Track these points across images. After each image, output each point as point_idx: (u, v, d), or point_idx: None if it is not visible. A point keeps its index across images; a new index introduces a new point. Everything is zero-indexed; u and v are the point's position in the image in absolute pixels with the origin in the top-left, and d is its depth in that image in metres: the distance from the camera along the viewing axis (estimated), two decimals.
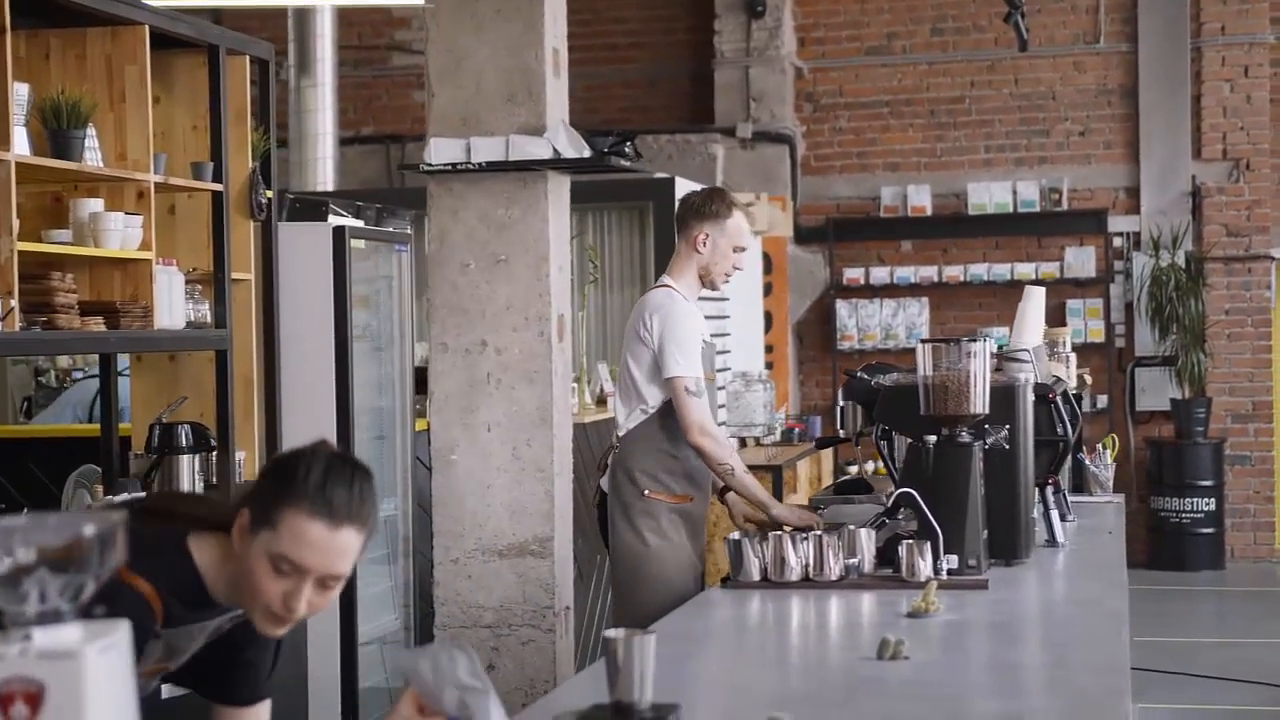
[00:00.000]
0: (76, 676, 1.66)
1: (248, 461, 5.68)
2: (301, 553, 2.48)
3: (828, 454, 10.70)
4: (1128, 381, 12.28)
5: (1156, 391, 12.14)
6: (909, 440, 4.41)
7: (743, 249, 5.13)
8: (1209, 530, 11.83)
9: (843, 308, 12.48)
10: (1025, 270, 12.13)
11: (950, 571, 4.11)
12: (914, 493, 4.17)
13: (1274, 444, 12.22)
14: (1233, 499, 12.08)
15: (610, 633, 2.65)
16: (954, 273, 12.33)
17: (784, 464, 8.90)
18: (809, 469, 9.69)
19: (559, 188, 5.53)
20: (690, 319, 5.01)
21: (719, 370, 9.57)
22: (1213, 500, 11.82)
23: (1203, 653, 9.17)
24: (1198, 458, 11.83)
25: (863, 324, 12.48)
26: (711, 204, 5.12)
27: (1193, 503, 11.79)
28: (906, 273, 12.41)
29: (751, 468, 8.67)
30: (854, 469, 10.46)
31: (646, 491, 5.00)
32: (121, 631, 1.73)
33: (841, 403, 4.96)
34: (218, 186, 5.40)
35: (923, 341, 4.32)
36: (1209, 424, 11.93)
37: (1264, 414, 12.17)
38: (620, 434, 5.13)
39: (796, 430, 10.33)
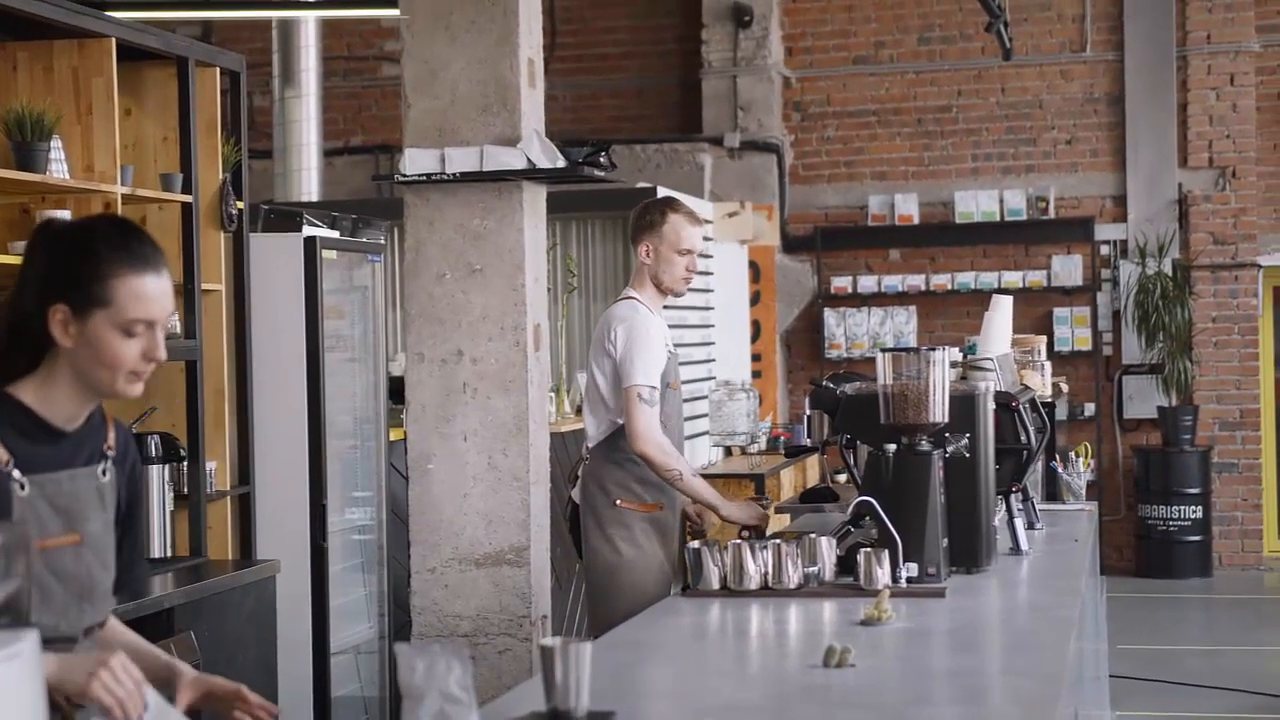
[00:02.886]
0: None
1: (219, 472, 5.69)
2: (147, 309, 2.62)
3: (813, 462, 10.71)
4: (1115, 389, 12.29)
5: (1144, 399, 12.15)
6: (870, 449, 4.42)
7: (688, 251, 5.17)
8: (1196, 538, 11.83)
9: (831, 316, 12.49)
10: (1012, 278, 12.14)
11: (910, 580, 4.12)
12: (873, 501, 4.18)
13: (1261, 451, 12.23)
14: (1220, 507, 12.08)
15: (545, 641, 2.68)
16: (941, 281, 12.35)
17: (766, 472, 8.92)
18: (793, 477, 9.70)
19: (534, 198, 5.54)
20: (654, 330, 5.08)
21: (701, 379, 9.63)
22: (1200, 508, 11.82)
23: (1188, 660, 9.18)
24: (1185, 465, 11.84)
25: (851, 333, 12.49)
26: (646, 215, 5.21)
27: (1180, 510, 11.80)
28: (894, 281, 12.43)
29: (734, 476, 8.79)
30: (843, 478, 10.47)
31: (618, 501, 5.08)
32: (29, 641, 1.75)
33: (808, 411, 4.98)
34: (187, 198, 5.42)
35: (883, 350, 4.34)
36: (1196, 432, 11.94)
37: (1251, 421, 12.18)
38: (590, 445, 5.19)
39: (783, 439, 10.35)
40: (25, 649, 1.74)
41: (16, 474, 2.59)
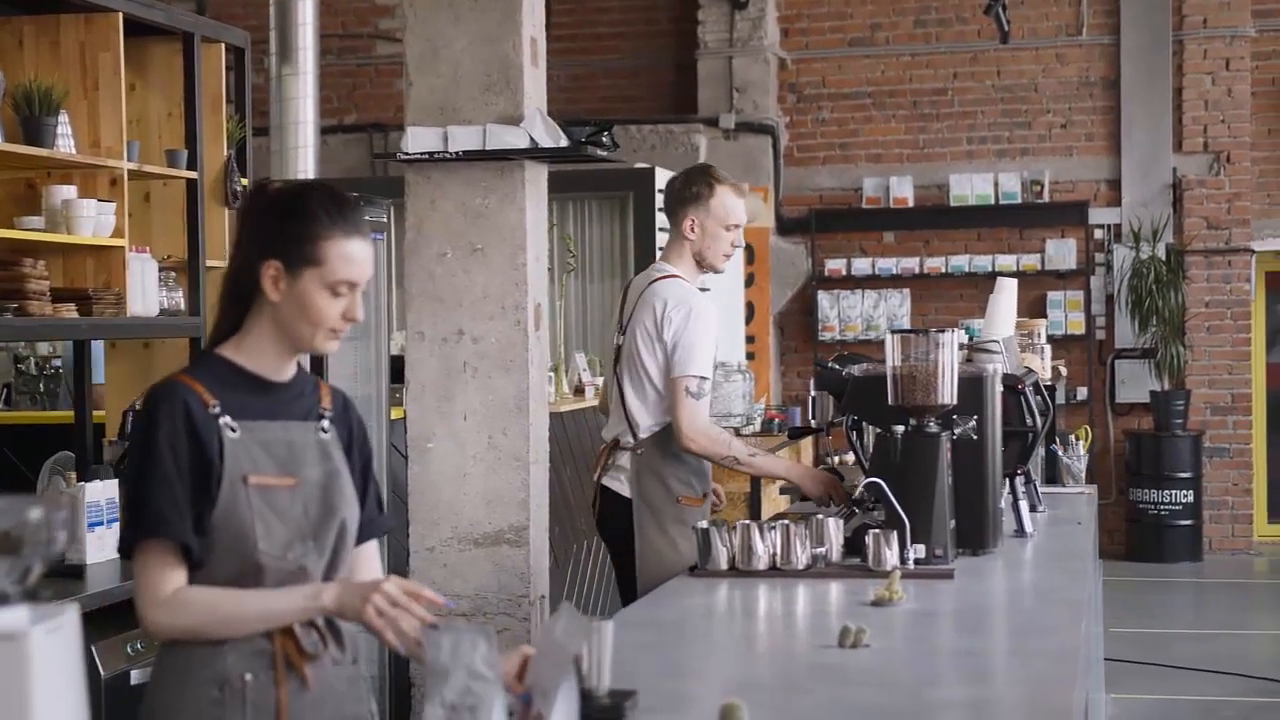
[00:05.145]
0: (22, 658, 1.68)
1: None
2: (354, 271, 2.75)
3: (808, 444, 10.73)
4: (1108, 373, 12.32)
5: (1136, 383, 12.19)
6: (877, 430, 4.43)
7: (735, 225, 4.94)
8: (1187, 522, 11.88)
9: (824, 299, 12.50)
10: (1006, 262, 12.16)
11: (917, 561, 4.12)
12: (881, 483, 4.19)
13: (1252, 436, 12.27)
14: (1211, 491, 12.12)
15: None
16: (935, 264, 12.37)
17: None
18: (788, 460, 9.70)
19: (536, 177, 5.53)
20: (710, 317, 4.90)
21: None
22: (1191, 492, 11.87)
23: (1179, 644, 9.21)
24: (1176, 450, 11.87)
25: (844, 315, 12.50)
26: (691, 186, 4.95)
27: (1171, 494, 11.84)
28: (888, 264, 12.44)
29: None
30: (837, 459, 10.47)
31: (680, 498, 4.93)
32: (71, 614, 1.75)
33: (813, 393, 4.97)
34: (192, 174, 5.41)
35: (892, 332, 4.34)
36: (1188, 416, 11.98)
37: (1243, 406, 12.22)
38: (641, 435, 4.94)
39: (777, 421, 10.35)
40: (67, 621, 1.74)
41: (226, 419, 2.71)
